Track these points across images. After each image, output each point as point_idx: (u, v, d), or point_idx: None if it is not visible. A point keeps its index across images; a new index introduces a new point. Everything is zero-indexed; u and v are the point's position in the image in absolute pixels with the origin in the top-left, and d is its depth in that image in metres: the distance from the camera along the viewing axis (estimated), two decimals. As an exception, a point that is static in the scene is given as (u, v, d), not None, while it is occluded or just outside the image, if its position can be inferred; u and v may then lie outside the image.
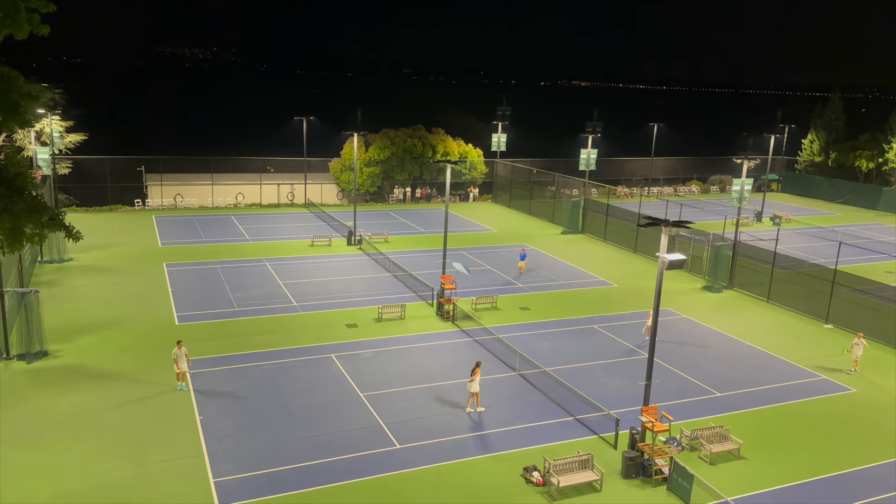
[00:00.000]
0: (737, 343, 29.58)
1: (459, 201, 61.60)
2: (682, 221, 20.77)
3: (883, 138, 67.70)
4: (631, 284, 37.47)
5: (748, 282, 36.62)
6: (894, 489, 18.95)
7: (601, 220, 48.47)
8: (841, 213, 61.77)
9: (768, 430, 22.13)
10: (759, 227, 52.76)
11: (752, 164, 37.25)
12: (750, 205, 51.51)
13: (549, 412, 22.70)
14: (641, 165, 71.48)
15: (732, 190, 36.90)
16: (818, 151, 73.28)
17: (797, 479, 19.32)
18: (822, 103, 74.86)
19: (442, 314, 31.07)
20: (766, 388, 25.08)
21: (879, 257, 43.53)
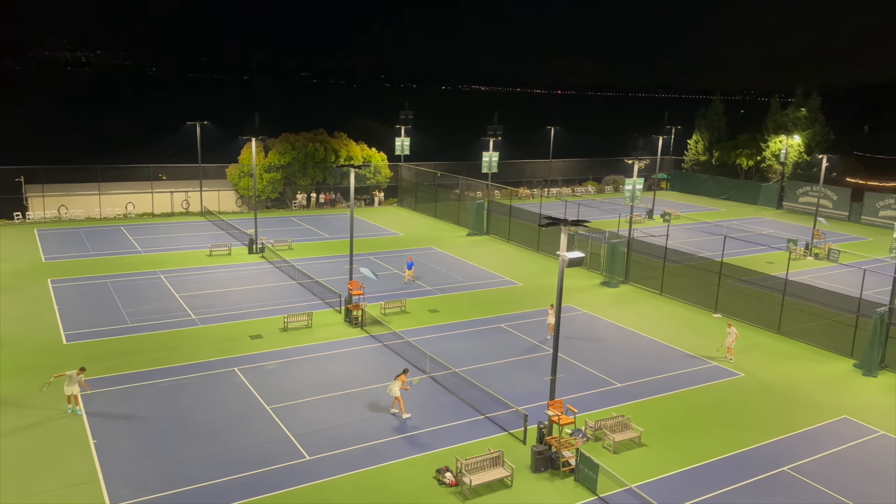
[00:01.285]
0: (634, 335, 30.95)
1: (365, 206, 61.22)
2: (580, 220, 21.53)
3: (760, 137, 72.79)
4: (535, 283, 38.46)
5: (642, 276, 38.40)
6: (782, 465, 20.37)
7: (505, 221, 49.49)
8: (725, 209, 65.90)
9: (666, 416, 23.27)
10: (651, 223, 55.46)
11: (643, 165, 39.12)
12: (642, 203, 54.12)
13: (461, 412, 22.93)
14: (541, 167, 73.56)
15: (625, 189, 38.60)
16: (702, 151, 77.86)
17: (694, 461, 20.42)
18: (705, 106, 79.63)
19: (350, 320, 30.75)
20: (662, 377, 26.37)
21: (760, 249, 46.72)
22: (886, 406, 24.53)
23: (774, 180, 70.35)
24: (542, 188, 69.74)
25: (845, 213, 61.32)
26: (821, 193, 59.16)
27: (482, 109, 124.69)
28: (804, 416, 23.44)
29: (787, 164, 68.63)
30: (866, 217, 59.90)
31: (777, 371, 27.31)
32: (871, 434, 22.38)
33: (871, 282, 32.47)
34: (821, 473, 19.93)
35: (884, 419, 23.41)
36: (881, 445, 21.71)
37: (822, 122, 70.33)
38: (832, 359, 28.76)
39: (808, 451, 21.16)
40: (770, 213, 64.51)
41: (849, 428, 22.78)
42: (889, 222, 56.53)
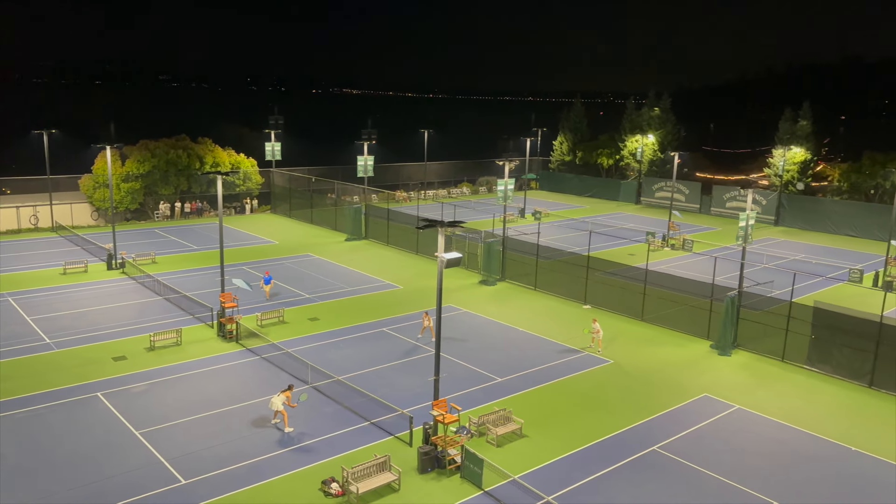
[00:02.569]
0: (512, 330, 31.85)
1: (235, 214, 58.96)
2: (456, 221, 21.85)
3: (618, 137, 77.25)
4: (415, 285, 38.63)
5: (518, 273, 39.63)
6: (651, 445, 21.67)
7: (383, 225, 49.38)
8: (589, 206, 69.38)
9: (544, 407, 24.11)
10: (523, 222, 57.39)
11: (513, 165, 40.34)
12: (514, 203, 55.83)
13: (345, 421, 22.59)
14: (417, 170, 74.11)
15: (498, 190, 39.66)
16: (567, 151, 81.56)
17: (572, 448, 21.29)
18: (568, 108, 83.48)
19: (224, 335, 29.46)
20: (540, 369, 27.31)
21: (622, 242, 49.59)
22: (740, 382, 26.76)
23: (633, 177, 74.92)
24: (419, 191, 70.28)
25: (697, 206, 66.36)
26: (674, 188, 63.69)
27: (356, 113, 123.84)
28: (669, 397, 25.08)
29: (643, 162, 73.31)
30: (715, 208, 65.13)
31: (642, 356, 29.06)
32: (729, 409, 24.32)
33: (722, 268, 35.32)
34: (686, 450, 21.39)
35: (739, 394, 25.52)
36: (738, 419, 23.63)
37: (673, 122, 75.73)
38: (691, 341, 30.99)
39: (675, 429, 22.66)
40: (630, 208, 68.64)
41: (709, 405, 24.62)
42: (735, 212, 61.83)
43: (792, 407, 24.53)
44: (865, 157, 61.00)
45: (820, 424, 23.21)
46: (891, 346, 25.76)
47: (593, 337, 29.44)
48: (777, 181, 64.78)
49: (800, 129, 65.10)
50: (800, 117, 65.45)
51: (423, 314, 30.78)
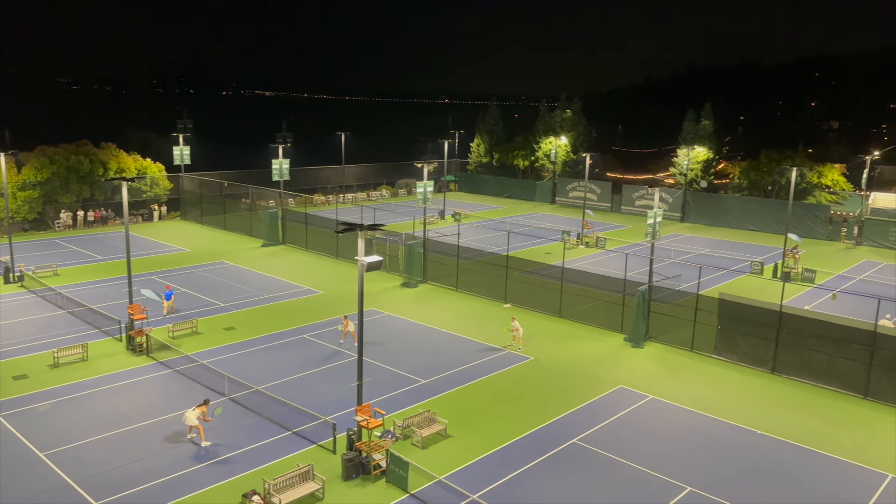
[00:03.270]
0: (435, 331, 31.96)
1: (143, 221, 56.53)
2: (375, 225, 21.70)
3: (533, 139, 78.93)
4: (336, 289, 38.16)
5: (439, 274, 39.82)
6: (571, 438, 22.21)
7: (301, 230, 48.52)
8: (507, 206, 70.54)
9: (469, 406, 24.31)
10: (444, 223, 57.73)
11: (432, 168, 40.49)
12: (433, 204, 56.06)
13: (266, 431, 22.04)
14: (334, 173, 73.26)
15: (417, 192, 39.72)
16: (484, 153, 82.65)
17: (496, 445, 21.56)
18: (484, 111, 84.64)
19: (134, 348, 28.18)
20: (463, 369, 27.53)
21: (539, 241, 50.67)
22: (653, 373, 27.84)
23: (547, 178, 76.73)
24: (337, 194, 69.50)
25: (608, 205, 68.61)
26: (587, 188, 65.68)
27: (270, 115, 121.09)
28: (587, 390, 25.80)
29: (557, 163, 75.21)
30: (626, 207, 67.52)
31: (561, 352, 29.78)
32: (643, 399, 25.25)
33: (633, 264, 36.66)
34: (604, 440, 22.07)
35: (652, 385, 26.54)
36: (652, 409, 24.57)
37: (584, 124, 78.07)
38: (606, 335, 32.00)
39: (593, 421, 23.33)
40: (546, 208, 70.25)
41: (625, 396, 25.49)
42: (644, 210, 64.29)
43: (701, 395, 25.72)
44: (763, 156, 64.78)
45: (728, 410, 24.44)
46: (790, 334, 27.43)
47: (514, 335, 29.93)
48: (682, 179, 67.84)
49: (702, 130, 68.46)
50: (702, 118, 68.82)
51: (343, 319, 30.43)
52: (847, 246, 53.50)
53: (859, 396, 25.55)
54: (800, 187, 58.55)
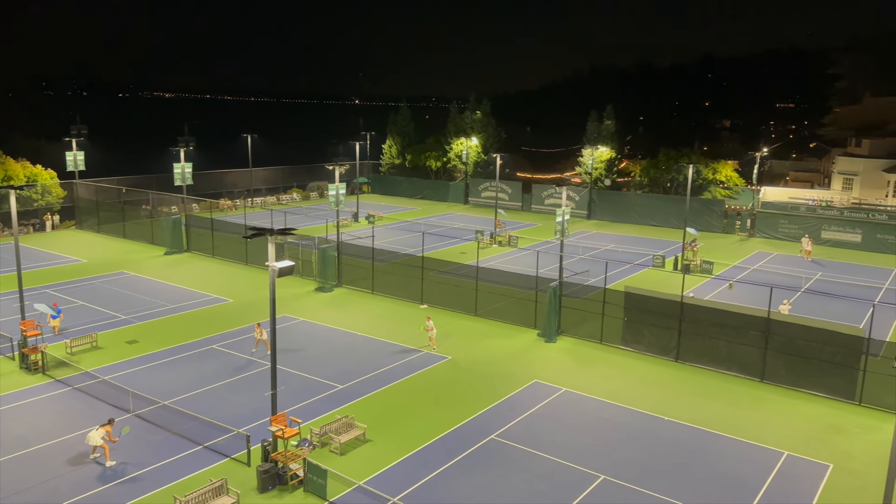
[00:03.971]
0: (351, 336, 31.63)
1: (35, 231, 53.05)
2: (286, 229, 21.24)
3: (444, 140, 79.52)
4: (247, 297, 37.10)
5: (354, 277, 39.44)
6: (489, 434, 22.50)
7: (207, 236, 46.87)
8: (421, 207, 70.74)
9: (387, 409, 24.20)
10: (357, 226, 57.24)
11: (344, 170, 40.12)
12: (346, 207, 55.52)
13: (176, 447, 21.14)
14: (242, 176, 71.23)
15: (329, 194, 39.21)
16: (396, 155, 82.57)
17: (415, 447, 21.55)
18: (394, 112, 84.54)
19: (28, 366, 26.40)
20: (381, 372, 27.38)
21: (454, 241, 51.10)
22: (566, 366, 28.61)
23: (460, 178, 77.50)
24: (245, 198, 67.60)
25: (519, 204, 70.00)
26: (498, 188, 66.78)
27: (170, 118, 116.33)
28: (503, 387, 26.22)
29: (469, 164, 76.09)
30: (536, 205, 69.11)
31: (477, 350, 30.14)
32: (557, 392, 25.90)
33: (544, 261, 37.56)
34: (521, 435, 22.48)
35: (565, 378, 27.27)
36: (565, 401, 25.25)
37: (493, 125, 79.35)
38: (521, 332, 32.63)
39: (509, 416, 23.73)
40: (459, 209, 70.93)
41: (539, 390, 26.06)
42: (553, 208, 65.99)
43: (611, 385, 26.66)
44: (661, 154, 67.83)
45: (636, 398, 25.44)
46: (691, 323, 28.85)
47: (429, 335, 30.01)
48: (587, 178, 70.13)
49: (605, 130, 71.01)
50: (604, 119, 71.38)
51: (256, 327, 29.64)
52: (741, 238, 56.83)
53: (756, 380, 27.17)
54: (696, 183, 61.70)
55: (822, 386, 25.83)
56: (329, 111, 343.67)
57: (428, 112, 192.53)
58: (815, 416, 24.20)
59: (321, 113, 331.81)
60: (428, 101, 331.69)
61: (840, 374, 25.47)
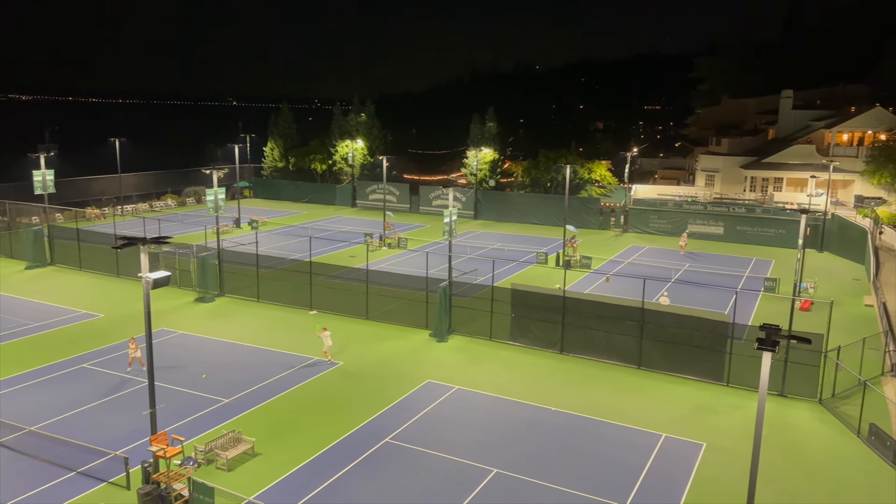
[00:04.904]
0: (236, 347, 30.49)
1: None
2: (161, 237, 20.15)
3: (329, 143, 78.42)
4: (120, 311, 34.89)
5: (238, 286, 38.04)
6: (384, 437, 22.36)
7: (73, 248, 43.64)
8: (307, 211, 69.37)
9: (278, 420, 23.52)
10: (239, 232, 55.30)
11: (222, 174, 38.57)
12: (227, 213, 53.51)
13: (46, 475, 19.52)
14: (110, 183, 66.93)
15: (207, 200, 37.63)
16: (279, 157, 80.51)
17: (308, 456, 21.08)
18: (276, 114, 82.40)
19: None
20: (269, 382, 26.56)
21: (343, 245, 50.49)
22: (457, 364, 28.98)
23: (347, 181, 76.70)
24: (115, 206, 63.54)
25: (407, 206, 70.22)
26: (386, 190, 66.67)
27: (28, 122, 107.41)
28: (397, 389, 26.18)
29: (355, 166, 75.45)
30: (424, 207, 69.57)
31: (370, 353, 29.92)
32: (450, 391, 26.17)
33: (433, 262, 37.85)
34: (416, 435, 22.54)
35: (457, 376, 27.60)
36: (458, 398, 25.56)
37: (378, 127, 79.12)
38: (413, 333, 32.71)
39: (404, 418, 23.72)
40: (347, 212, 70.22)
41: (433, 390, 26.24)
42: (440, 209, 66.67)
43: (501, 380, 27.28)
44: (541, 155, 70.25)
45: (525, 391, 26.17)
46: (574, 316, 30.04)
47: (324, 349, 29.18)
48: (473, 179, 71.47)
49: (487, 132, 72.63)
50: (486, 121, 73.01)
51: (130, 342, 27.87)
52: (616, 233, 59.88)
53: (634, 367, 28.69)
54: (574, 183, 64.37)
55: (693, 370, 27.66)
56: (204, 113, 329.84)
57: (311, 113, 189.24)
58: (688, 399, 25.87)
59: (196, 115, 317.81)
60: (310, 102, 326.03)
61: (709, 358, 27.39)
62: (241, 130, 73.69)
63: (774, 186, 64.92)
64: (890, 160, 56.36)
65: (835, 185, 59.98)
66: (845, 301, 37.74)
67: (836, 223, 52.78)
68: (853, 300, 38.65)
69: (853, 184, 61.96)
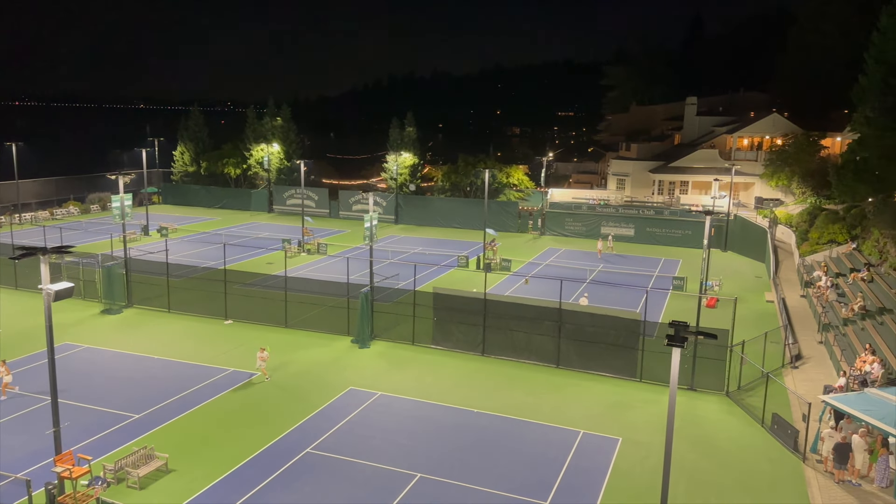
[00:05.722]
0: (147, 360, 29.18)
1: None
2: (63, 247, 19.07)
3: (243, 147, 76.41)
4: (19, 325, 32.74)
5: (147, 296, 36.45)
6: (305, 448, 21.93)
7: (-37, 259, 40.60)
8: (221, 217, 67.30)
9: (193, 434, 22.65)
10: (148, 240, 53.05)
11: (129, 179, 36.94)
12: (134, 220, 51.24)
13: (-69, 507, 18.05)
14: (6, 190, 62.79)
15: (113, 207, 35.91)
16: (190, 162, 77.78)
17: (225, 471, 20.38)
18: (185, 117, 79.60)
19: None
20: (183, 395, 25.55)
21: (259, 252, 49.25)
22: (380, 370, 28.77)
23: (262, 186, 74.95)
24: (11, 214, 59.63)
25: (327, 211, 69.30)
26: (304, 195, 65.53)
27: None
28: (318, 397, 25.73)
29: (271, 171, 73.82)
30: (343, 212, 68.83)
31: (290, 362, 29.28)
32: (373, 397, 25.95)
33: (354, 267, 37.48)
34: (338, 444, 22.21)
35: (380, 382, 27.40)
36: (381, 405, 25.36)
37: (295, 131, 77.76)
38: (334, 340, 32.25)
39: (326, 427, 23.34)
40: (263, 217, 68.57)
41: (355, 397, 25.94)
42: (361, 214, 66.19)
43: (424, 384, 27.29)
44: (460, 160, 70.91)
45: (447, 395, 26.27)
46: (494, 318, 30.41)
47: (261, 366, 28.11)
48: (393, 183, 71.32)
49: (406, 137, 72.69)
50: (406, 125, 73.05)
51: (0, 365, 25.52)
52: (534, 236, 61.13)
53: (553, 366, 29.33)
54: (493, 187, 65.33)
55: (608, 367, 28.54)
56: (110, 116, 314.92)
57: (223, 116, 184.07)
58: (604, 395, 26.67)
59: (101, 118, 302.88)
60: (223, 104, 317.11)
61: (623, 356, 28.34)
62: (150, 134, 70.59)
63: (681, 189, 67.97)
64: (786, 163, 60.11)
65: (736, 187, 63.36)
66: (748, 298, 39.90)
67: (738, 224, 55.78)
68: (755, 297, 40.92)
69: (753, 186, 65.66)
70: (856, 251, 41.72)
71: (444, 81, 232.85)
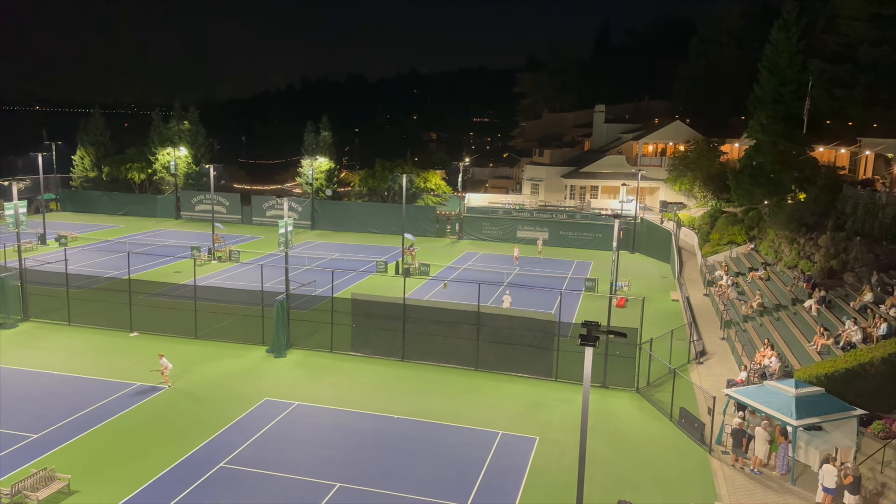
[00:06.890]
0: (45, 376, 27.44)
1: None
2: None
3: (148, 150, 73.26)
4: None
5: (45, 309, 34.31)
6: (219, 462, 21.16)
7: None
8: (124, 224, 64.20)
9: (98, 453, 21.47)
10: (46, 249, 49.98)
11: (24, 186, 34.70)
12: (29, 228, 48.16)
13: None
14: None
15: (6, 215, 33.64)
16: (91, 167, 73.93)
17: (133, 489, 19.42)
18: (85, 120, 75.59)
19: None
20: (86, 412, 24.18)
21: (167, 260, 47.28)
22: (297, 380, 28.18)
23: (169, 192, 72.08)
24: None
25: (238, 217, 67.33)
26: (214, 201, 63.48)
27: None
28: (232, 410, 24.91)
29: (178, 176, 71.12)
30: (257, 218, 67.11)
31: (201, 374, 28.23)
32: (290, 407, 25.37)
33: (269, 274, 36.58)
34: (253, 457, 21.57)
35: (297, 391, 26.83)
36: (298, 415, 24.83)
37: (203, 134, 75.25)
38: (248, 350, 31.35)
39: (240, 440, 22.63)
40: (170, 224, 65.94)
41: (271, 408, 25.27)
42: (275, 220, 64.67)
43: (342, 392, 26.93)
44: (378, 164, 70.58)
45: (367, 402, 26.03)
46: (414, 323, 30.40)
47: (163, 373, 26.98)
48: (308, 188, 70.16)
49: (322, 141, 71.72)
50: (321, 130, 72.06)
51: None
52: (452, 241, 61.58)
53: (472, 369, 29.58)
54: (410, 192, 65.34)
55: (525, 368, 29.06)
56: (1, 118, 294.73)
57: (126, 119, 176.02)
58: (521, 396, 27.12)
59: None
60: (126, 107, 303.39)
61: (539, 356, 28.93)
62: (46, 138, 66.55)
63: (591, 194, 70.15)
64: (689, 169, 63.13)
65: (643, 191, 65.98)
66: (655, 297, 41.60)
67: (645, 227, 58.12)
68: (662, 296, 42.72)
69: (658, 190, 68.56)
70: (754, 251, 44.30)
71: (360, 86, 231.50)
